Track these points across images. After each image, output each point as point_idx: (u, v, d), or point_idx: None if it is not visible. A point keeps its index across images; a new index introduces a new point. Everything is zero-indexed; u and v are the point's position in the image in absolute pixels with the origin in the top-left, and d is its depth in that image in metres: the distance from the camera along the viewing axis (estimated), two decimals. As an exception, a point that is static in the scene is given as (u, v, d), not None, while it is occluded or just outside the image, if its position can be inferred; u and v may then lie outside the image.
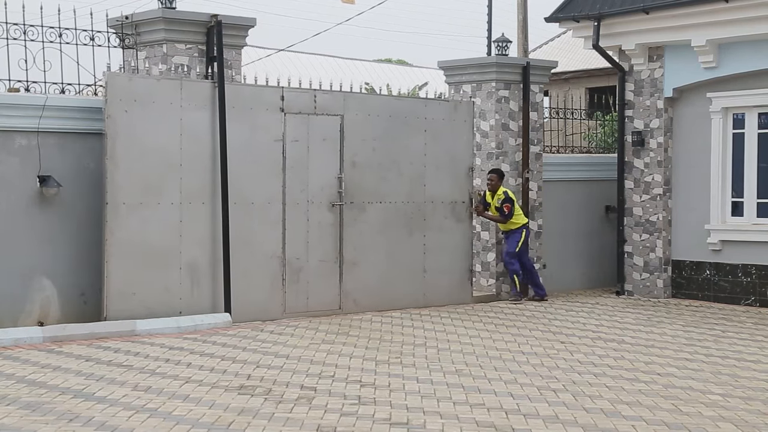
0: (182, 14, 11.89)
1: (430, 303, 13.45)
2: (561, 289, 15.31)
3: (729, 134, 14.32)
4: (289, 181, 12.27)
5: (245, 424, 7.17)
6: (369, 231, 12.96)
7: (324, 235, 12.58)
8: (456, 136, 13.76)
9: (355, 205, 12.84)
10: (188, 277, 11.55)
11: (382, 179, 13.12)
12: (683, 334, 11.46)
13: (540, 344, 10.67)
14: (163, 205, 11.37)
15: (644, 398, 8.13)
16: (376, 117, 13.02)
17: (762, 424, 7.37)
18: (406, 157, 13.31)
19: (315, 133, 12.48)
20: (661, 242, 14.77)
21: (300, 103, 12.35)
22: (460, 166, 13.83)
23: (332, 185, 12.65)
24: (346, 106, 12.76)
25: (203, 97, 11.63)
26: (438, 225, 13.61)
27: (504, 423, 7.29)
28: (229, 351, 10.04)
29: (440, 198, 13.63)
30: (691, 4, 13.75)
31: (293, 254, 12.31)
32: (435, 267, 13.56)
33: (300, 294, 12.35)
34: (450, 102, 14.15)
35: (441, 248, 13.62)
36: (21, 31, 10.94)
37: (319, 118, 12.51)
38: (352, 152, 12.78)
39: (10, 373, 8.88)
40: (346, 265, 12.75)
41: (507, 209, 13.91)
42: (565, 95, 19.10)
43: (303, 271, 12.40)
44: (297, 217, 12.35)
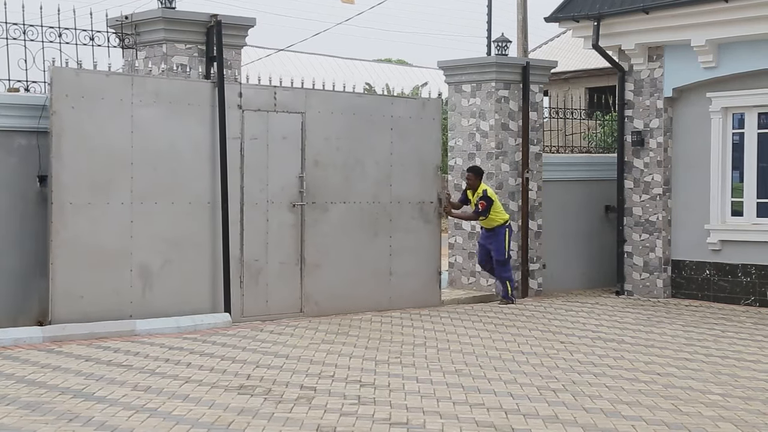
0: (182, 14, 11.89)
1: (396, 306, 13.10)
2: (561, 289, 15.31)
3: (729, 134, 14.33)
4: (247, 181, 11.95)
5: (245, 424, 7.17)
6: (332, 232, 12.64)
7: (284, 236, 12.24)
8: (424, 135, 13.48)
9: (318, 205, 12.51)
10: (140, 280, 11.16)
11: (346, 179, 12.79)
12: (683, 334, 11.47)
13: (540, 344, 10.67)
14: (113, 205, 11.00)
15: (644, 398, 8.13)
16: (339, 115, 12.70)
17: (762, 424, 7.37)
18: (372, 156, 13.00)
19: (275, 131, 12.14)
20: (660, 242, 14.77)
21: (259, 101, 12.03)
22: (428, 165, 13.53)
23: (293, 185, 12.31)
24: (308, 103, 12.42)
25: (156, 94, 11.27)
26: (405, 226, 13.30)
27: (504, 423, 7.29)
28: (229, 351, 10.04)
29: (407, 198, 13.33)
30: (690, 4, 13.75)
31: (252, 256, 11.98)
32: (401, 269, 13.25)
33: (259, 297, 12.01)
34: (418, 99, 13.89)
35: (408, 250, 13.31)
36: (21, 31, 10.94)
37: (279, 115, 12.17)
38: (314, 151, 12.46)
39: (10, 373, 8.88)
40: (308, 267, 12.40)
41: (482, 206, 13.62)
42: (564, 95, 19.10)
43: (262, 273, 12.06)
44: (256, 217, 12.01)
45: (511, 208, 14.69)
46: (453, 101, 15.19)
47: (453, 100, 15.19)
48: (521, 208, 14.74)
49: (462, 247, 14.99)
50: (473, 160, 14.81)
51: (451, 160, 15.21)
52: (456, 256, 15.08)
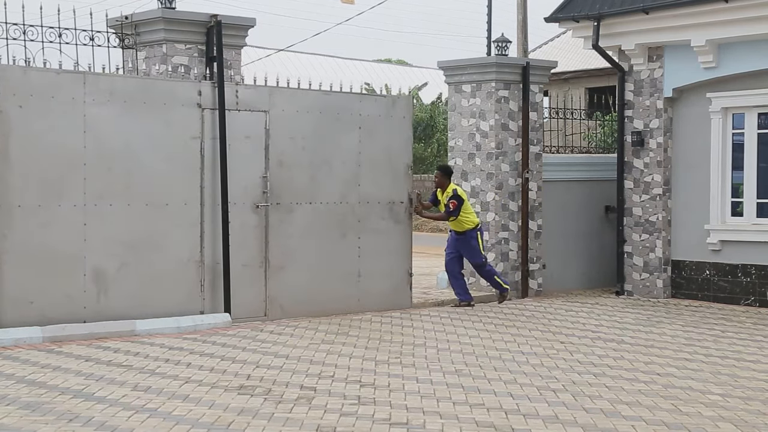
0: (182, 14, 11.89)
1: (365, 308, 12.79)
2: (561, 289, 15.31)
3: (729, 134, 14.32)
4: (208, 181, 11.62)
5: (245, 424, 7.17)
6: (298, 233, 12.31)
7: (247, 238, 11.93)
8: (394, 133, 13.19)
9: (282, 206, 12.20)
10: (93, 284, 10.85)
11: (312, 179, 12.47)
12: (683, 334, 11.47)
13: (539, 344, 10.67)
14: (65, 208, 10.67)
15: (644, 398, 8.13)
16: (305, 113, 12.38)
17: (761, 424, 7.37)
18: (339, 155, 12.70)
19: (237, 131, 11.82)
20: (660, 242, 14.77)
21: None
22: (398, 164, 13.26)
23: (257, 185, 12.01)
24: (272, 101, 12.10)
25: (111, 92, 10.94)
26: (374, 227, 12.99)
27: (504, 423, 7.29)
28: (229, 351, 10.05)
29: (376, 198, 13.03)
30: (690, 4, 13.75)
31: (213, 258, 11.66)
32: (371, 271, 12.92)
33: (220, 301, 11.68)
34: (387, 97, 13.54)
35: (377, 251, 13.00)
36: (21, 31, 10.94)
37: (241, 114, 11.87)
38: (278, 150, 12.14)
39: (10, 373, 8.88)
40: (272, 270, 12.08)
41: (453, 205, 13.34)
42: (564, 95, 19.10)
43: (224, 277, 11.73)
44: (217, 219, 11.67)
45: (511, 208, 14.69)
46: (453, 101, 15.19)
47: (453, 100, 15.19)
48: (521, 208, 14.74)
49: (462, 247, 14.97)
50: (473, 160, 14.81)
51: (451, 161, 15.21)
52: (456, 256, 15.06)
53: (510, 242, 14.70)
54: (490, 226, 14.60)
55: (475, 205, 14.76)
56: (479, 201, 14.75)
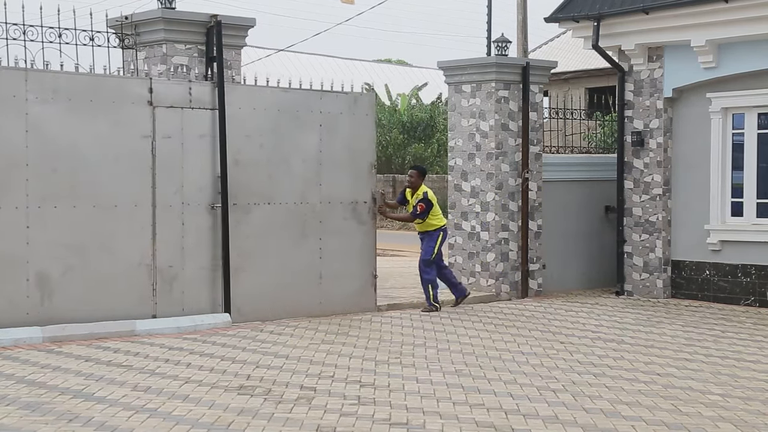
0: (182, 14, 11.88)
1: (327, 311, 12.48)
2: (561, 289, 15.30)
3: (729, 134, 14.32)
4: (159, 182, 11.30)
5: (245, 425, 7.18)
6: (256, 235, 11.97)
7: (203, 240, 11.60)
8: (356, 131, 12.84)
9: (239, 207, 11.87)
10: (37, 289, 10.53)
11: (271, 179, 12.13)
12: (683, 335, 11.47)
13: (539, 344, 10.67)
14: (6, 210, 10.34)
15: (644, 398, 8.13)
16: (262, 111, 12.06)
17: (761, 425, 7.37)
18: (299, 154, 12.36)
19: (191, 129, 11.51)
20: (660, 242, 14.77)
21: (172, 96, 11.40)
22: (361, 163, 12.91)
23: (212, 186, 11.66)
24: (228, 99, 11.78)
25: (55, 90, 10.63)
26: (336, 227, 12.66)
27: (503, 423, 7.29)
28: (229, 351, 10.05)
29: (339, 198, 12.69)
30: (690, 5, 13.75)
31: (165, 261, 11.31)
32: (333, 272, 12.58)
33: (174, 304, 11.36)
34: (349, 94, 12.94)
35: (340, 252, 12.66)
36: (21, 31, 10.94)
37: (195, 112, 11.53)
38: (234, 149, 11.81)
39: (10, 373, 8.89)
40: (229, 272, 11.78)
41: (420, 208, 13.06)
42: (564, 95, 19.11)
43: (177, 280, 11.41)
44: (170, 220, 11.35)
45: (511, 208, 14.69)
46: (453, 101, 15.19)
47: (453, 101, 15.19)
48: (521, 208, 14.73)
49: (462, 247, 14.98)
50: (473, 160, 14.81)
51: (451, 161, 15.21)
52: (456, 256, 15.07)
53: (510, 242, 14.69)
54: (490, 226, 14.60)
55: (474, 205, 14.77)
56: (479, 201, 14.75)
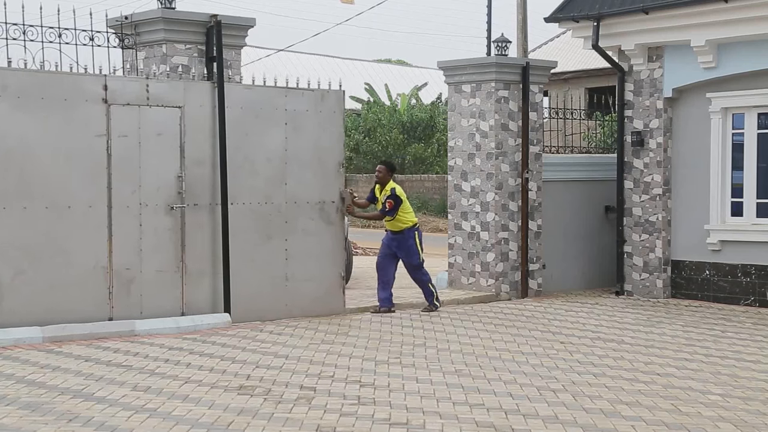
0: (182, 14, 11.88)
1: (294, 314, 12.18)
2: (561, 289, 15.30)
3: (728, 134, 14.32)
4: (115, 182, 10.97)
5: (245, 424, 7.18)
6: (218, 236, 11.68)
7: (162, 242, 11.28)
8: (323, 129, 12.50)
9: (200, 207, 11.55)
10: None
11: (233, 178, 11.77)
12: (683, 335, 11.47)
13: (539, 344, 10.67)
14: None
15: (644, 398, 8.13)
16: (224, 109, 11.75)
17: (761, 425, 7.37)
18: (263, 153, 12.03)
19: (148, 128, 11.20)
20: (660, 242, 14.77)
21: (129, 94, 11.09)
22: (329, 162, 12.59)
23: (171, 186, 11.35)
24: (187, 97, 11.46)
25: (2, 87, 10.36)
26: (303, 228, 12.32)
27: (503, 423, 7.29)
28: (229, 351, 10.05)
29: (305, 198, 12.36)
30: (690, 4, 13.75)
31: (122, 264, 11.00)
32: (299, 274, 12.27)
33: (132, 308, 11.07)
34: (316, 91, 12.53)
35: (307, 253, 12.34)
36: (20, 31, 10.93)
37: (153, 110, 11.22)
38: (195, 148, 11.50)
39: (10, 373, 8.89)
40: (190, 275, 11.46)
41: (389, 205, 12.76)
42: (564, 95, 19.13)
43: (135, 283, 11.11)
44: (127, 221, 11.05)
45: (511, 208, 14.69)
46: (453, 101, 15.19)
47: (453, 100, 15.19)
48: (521, 208, 14.73)
49: (462, 247, 14.98)
50: (473, 160, 14.81)
51: (451, 161, 15.21)
52: (456, 256, 15.07)
53: (510, 242, 14.69)
54: (490, 226, 14.60)
55: (474, 205, 14.77)
56: (479, 201, 14.75)
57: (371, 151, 37.21)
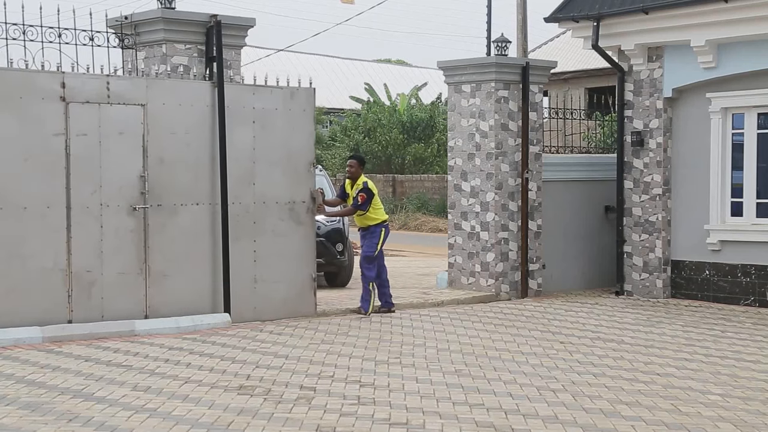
0: (181, 14, 11.87)
1: (263, 316, 11.92)
2: (560, 289, 15.30)
3: (728, 134, 14.32)
4: (74, 182, 10.72)
5: (244, 424, 7.18)
6: (183, 237, 11.40)
7: (123, 243, 11.04)
8: (293, 128, 12.24)
9: (164, 207, 11.29)
10: None
11: (199, 178, 11.54)
12: (682, 335, 11.47)
13: (539, 344, 10.67)
14: None
15: (643, 398, 8.14)
16: (189, 107, 11.49)
17: (761, 425, 7.38)
18: (230, 152, 11.71)
19: (109, 126, 10.95)
20: (660, 242, 14.77)
21: (88, 91, 10.85)
22: (299, 161, 12.31)
23: (133, 185, 11.11)
24: (150, 94, 11.22)
25: None
26: (272, 228, 12.05)
27: (503, 423, 7.29)
28: (229, 351, 10.05)
29: (274, 198, 12.10)
30: (690, 4, 13.75)
31: (82, 266, 10.76)
32: (269, 276, 12.00)
33: (92, 311, 10.82)
34: (285, 89, 12.27)
35: (276, 255, 12.06)
36: (20, 31, 10.93)
37: (114, 108, 10.98)
38: (158, 147, 11.25)
39: (10, 373, 8.89)
40: (153, 277, 11.19)
41: (362, 199, 12.54)
42: (564, 95, 19.12)
43: (96, 286, 10.87)
44: (87, 223, 10.80)
45: (510, 208, 14.69)
46: (453, 101, 15.19)
47: (453, 101, 15.19)
48: (521, 208, 14.73)
49: (462, 247, 14.98)
50: (473, 160, 14.81)
51: (451, 161, 15.21)
52: (456, 256, 15.08)
53: (510, 242, 14.69)
54: (489, 226, 14.60)
55: (474, 205, 14.77)
56: (479, 201, 14.76)
57: (371, 151, 37.23)
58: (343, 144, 38.87)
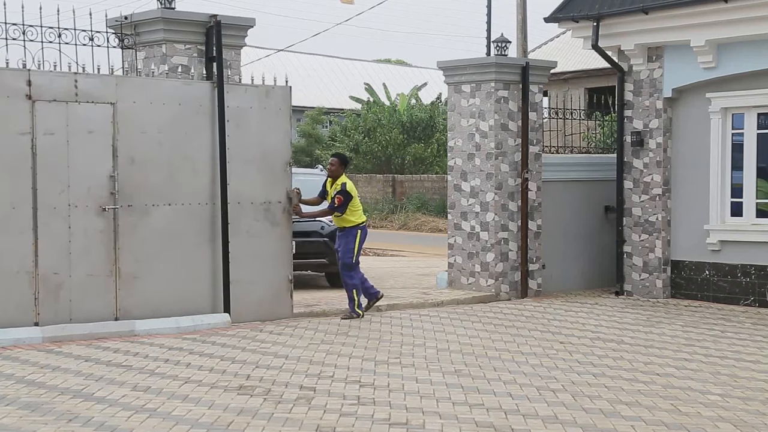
0: (181, 14, 11.87)
1: (238, 319, 11.72)
2: (560, 289, 15.30)
3: (728, 134, 14.32)
4: (41, 182, 10.51)
5: (244, 424, 7.18)
6: (155, 238, 11.20)
7: (93, 245, 10.82)
8: (269, 127, 12.04)
9: (135, 208, 11.08)
10: None
11: (171, 178, 11.33)
12: (682, 335, 11.47)
13: (539, 344, 10.67)
14: None
15: (643, 398, 8.14)
16: (161, 105, 11.28)
17: (761, 425, 7.38)
18: (204, 151, 11.57)
19: (77, 125, 10.74)
20: (660, 242, 14.77)
21: (55, 89, 10.64)
22: (275, 161, 12.11)
23: (103, 186, 10.90)
24: (120, 92, 11.01)
25: None
26: (247, 229, 11.85)
27: (503, 423, 7.29)
28: (229, 351, 10.05)
29: (249, 198, 11.89)
30: (690, 5, 13.75)
31: (49, 268, 10.54)
32: (244, 278, 11.80)
33: (60, 314, 10.61)
34: (260, 87, 12.04)
35: (252, 256, 11.87)
36: (20, 31, 10.93)
37: (82, 106, 10.78)
38: (129, 146, 11.04)
39: (10, 373, 8.89)
40: (124, 279, 10.99)
41: (338, 201, 12.34)
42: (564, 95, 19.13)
43: (64, 288, 10.65)
44: (54, 224, 10.58)
45: (510, 208, 14.69)
46: (452, 101, 15.19)
47: (452, 101, 15.19)
48: (521, 208, 14.74)
49: (462, 247, 14.99)
50: (473, 160, 14.81)
51: (451, 161, 15.22)
52: (456, 256, 15.08)
53: (510, 242, 14.70)
54: (489, 226, 14.60)
55: (474, 205, 14.78)
56: (479, 201, 14.76)
57: (371, 151, 37.25)
58: (343, 144, 38.89)
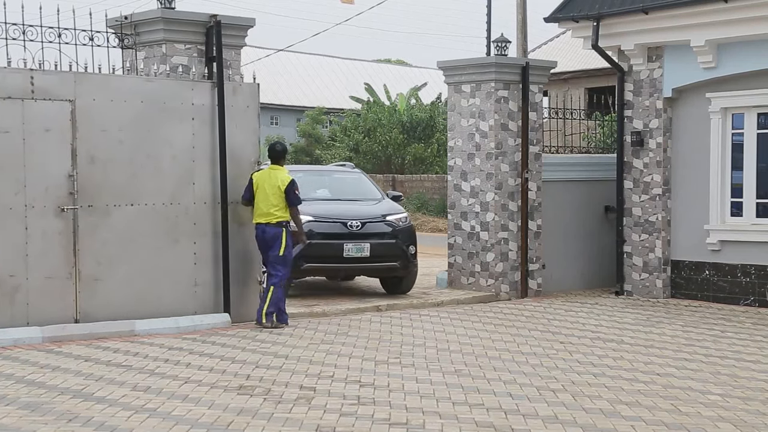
0: (181, 14, 11.87)
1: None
2: (560, 289, 15.30)
3: (728, 134, 14.32)
4: None
5: (244, 424, 7.18)
6: (117, 239, 10.95)
7: (51, 246, 10.56)
8: (236, 125, 11.78)
9: (96, 208, 10.82)
10: None
11: (134, 177, 11.09)
12: (682, 335, 11.47)
13: (539, 344, 10.67)
14: None
15: (643, 398, 8.14)
16: (122, 103, 11.04)
17: (761, 424, 7.38)
18: (168, 150, 11.33)
19: (34, 123, 10.49)
20: (660, 242, 14.77)
21: (10, 86, 10.39)
22: (242, 159, 11.88)
23: (61, 185, 10.62)
24: (79, 89, 10.77)
25: None
26: (214, 230, 11.61)
27: (503, 423, 7.29)
28: (228, 351, 10.05)
29: (216, 198, 11.65)
30: (690, 5, 13.75)
31: (5, 271, 10.29)
32: (210, 280, 11.61)
33: (16, 318, 10.36)
34: (226, 84, 11.82)
35: (218, 257, 11.62)
36: (20, 31, 10.93)
37: (39, 103, 10.51)
38: (89, 145, 10.78)
39: (10, 373, 8.89)
40: (84, 282, 10.74)
41: (297, 191, 11.67)
42: (564, 95, 19.11)
43: (20, 291, 10.39)
44: (10, 225, 10.33)
45: (510, 208, 14.69)
46: (452, 101, 15.19)
47: (452, 101, 15.19)
48: (521, 208, 14.73)
49: (462, 247, 14.99)
50: (473, 160, 14.81)
51: (451, 161, 15.22)
52: (455, 256, 15.08)
53: (510, 242, 14.70)
54: (489, 226, 14.60)
55: (474, 205, 14.77)
56: (479, 201, 14.76)
57: (371, 151, 37.24)
58: (343, 144, 38.90)
